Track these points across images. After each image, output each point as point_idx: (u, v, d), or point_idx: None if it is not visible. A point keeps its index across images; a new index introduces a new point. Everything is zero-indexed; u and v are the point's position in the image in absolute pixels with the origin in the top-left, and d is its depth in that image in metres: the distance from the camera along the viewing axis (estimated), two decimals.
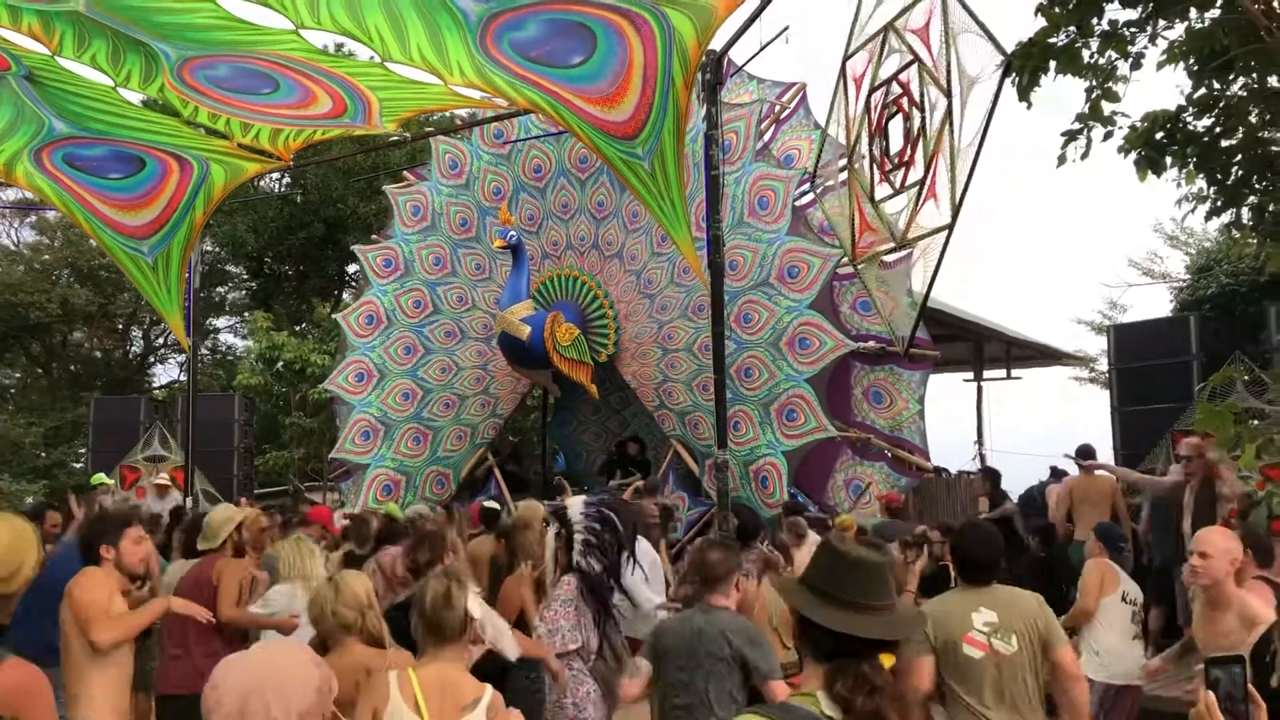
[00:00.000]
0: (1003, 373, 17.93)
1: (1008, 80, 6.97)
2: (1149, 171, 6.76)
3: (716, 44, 9.15)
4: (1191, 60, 6.60)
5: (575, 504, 5.41)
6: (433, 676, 3.11)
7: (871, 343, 11.03)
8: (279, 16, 4.24)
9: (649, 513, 8.61)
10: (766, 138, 11.97)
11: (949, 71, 6.60)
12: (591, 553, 5.21)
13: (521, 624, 5.50)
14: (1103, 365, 19.93)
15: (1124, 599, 6.09)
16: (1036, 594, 4.22)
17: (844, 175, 9.09)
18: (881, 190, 7.73)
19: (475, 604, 3.25)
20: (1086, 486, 9.49)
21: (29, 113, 5.40)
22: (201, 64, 4.69)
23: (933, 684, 4.03)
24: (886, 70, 7.47)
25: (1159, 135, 6.77)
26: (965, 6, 6.42)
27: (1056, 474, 11.11)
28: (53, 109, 5.33)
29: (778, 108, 12.42)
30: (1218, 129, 6.85)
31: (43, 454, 24.72)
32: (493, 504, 9.66)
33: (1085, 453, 9.77)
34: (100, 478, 14.17)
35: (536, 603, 5.61)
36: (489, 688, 3.19)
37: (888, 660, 2.21)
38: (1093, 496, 9.38)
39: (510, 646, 3.52)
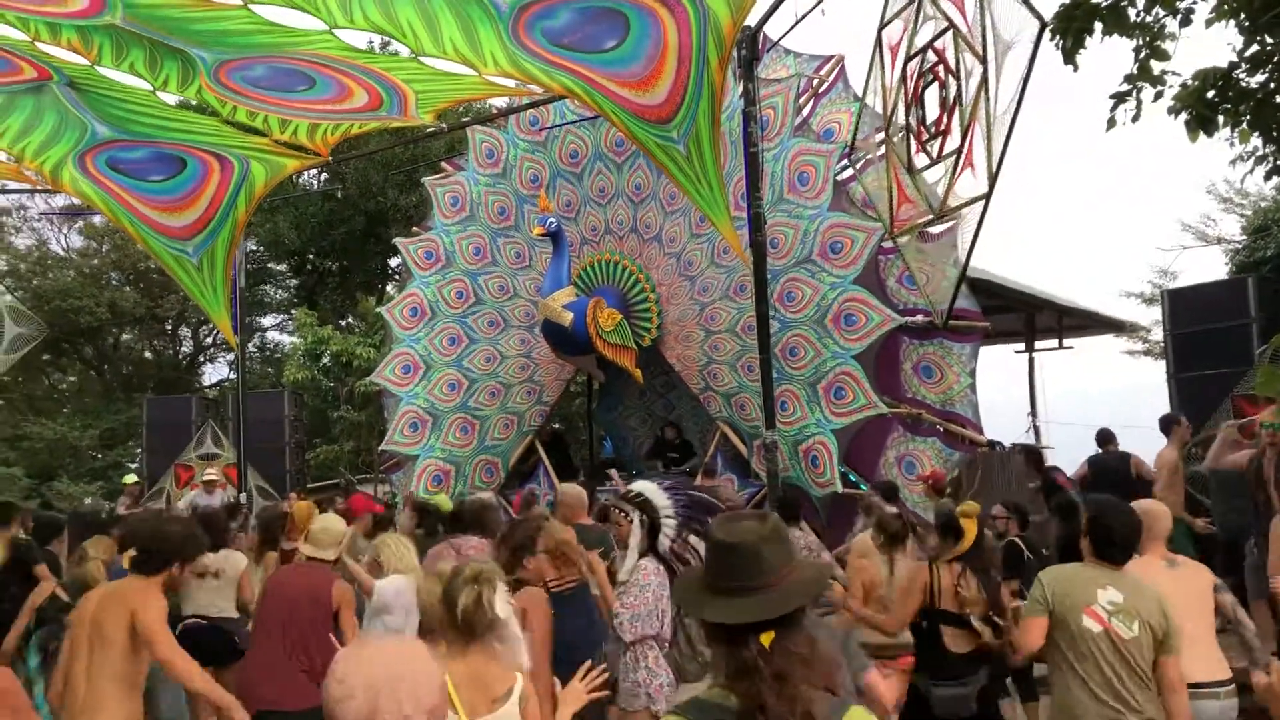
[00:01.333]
0: (1054, 343, 17.64)
1: (1052, 44, 6.81)
2: (1200, 132, 6.56)
3: (751, 19, 9.05)
4: (1243, 15, 6.38)
5: (654, 490, 5.32)
6: (463, 670, 3.11)
7: (920, 316, 10.85)
8: (312, 18, 4.24)
9: (735, 502, 8.48)
10: (805, 112, 11.82)
11: (984, 37, 6.46)
12: (687, 536, 5.20)
13: None
14: (1156, 335, 19.54)
15: None
16: (1159, 593, 4.11)
17: (882, 147, 8.95)
18: (919, 160, 7.59)
19: (503, 606, 3.23)
20: (1160, 459, 9.25)
21: (72, 119, 5.46)
22: (237, 66, 4.71)
23: (1041, 644, 4.04)
24: (922, 38, 7.33)
25: (1210, 94, 6.56)
26: None
27: (1103, 439, 10.84)
28: (95, 113, 5.37)
29: (816, 81, 12.26)
30: (1272, 85, 6.63)
31: (99, 456, 25.19)
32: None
33: (1167, 422, 9.51)
34: (131, 477, 14.34)
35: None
36: (519, 676, 3.18)
37: (766, 638, 2.17)
38: (1161, 472, 9.16)
39: (521, 658, 3.48)
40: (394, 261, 25.89)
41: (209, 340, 30.84)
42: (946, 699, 5.14)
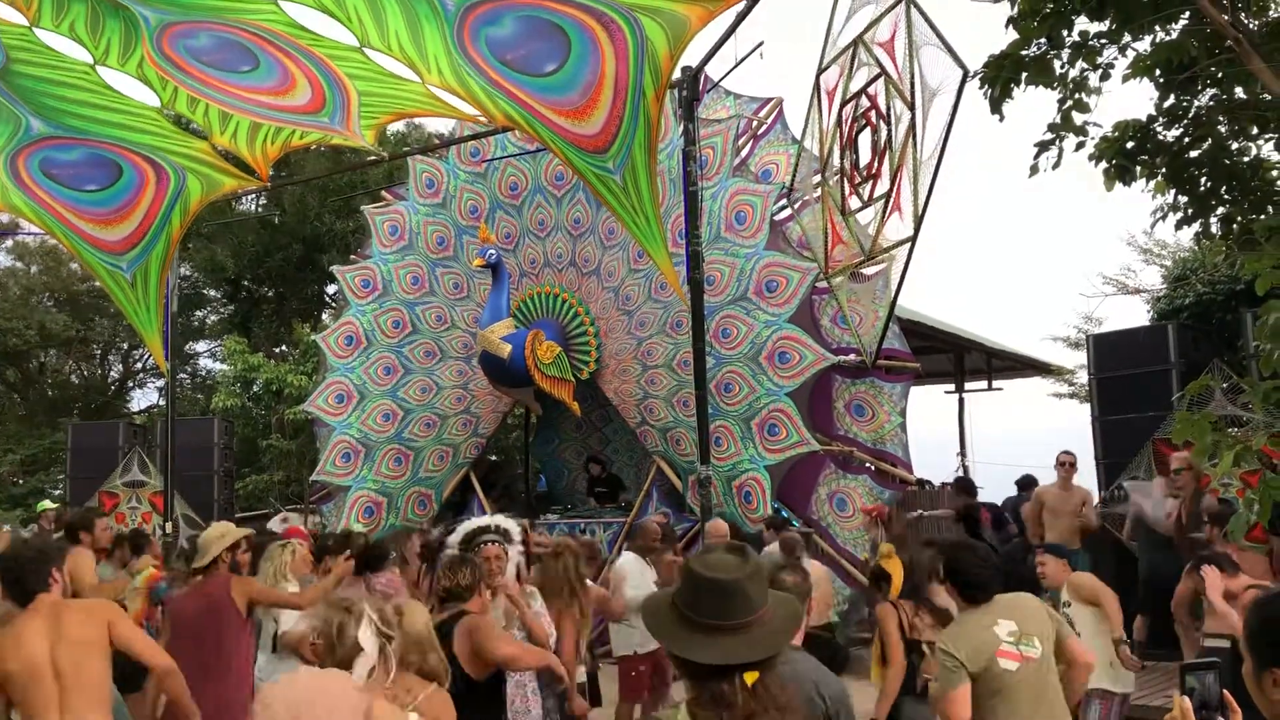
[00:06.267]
0: (984, 384, 18.01)
1: (980, 93, 7.04)
2: (1117, 181, 6.83)
3: (692, 60, 9.22)
4: (1158, 72, 6.67)
5: (508, 521, 5.46)
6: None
7: (852, 356, 11.04)
8: None
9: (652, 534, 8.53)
10: (744, 153, 12.02)
11: (913, 84, 6.65)
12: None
13: None
14: (1081, 379, 20.04)
15: None
16: (1029, 593, 4.29)
17: (819, 189, 9.14)
18: (852, 203, 7.78)
19: (368, 637, 3.14)
20: (1058, 498, 9.62)
21: (5, 112, 5.30)
22: (181, 31, 4.60)
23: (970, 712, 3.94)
24: (856, 84, 7.53)
25: (1129, 145, 6.84)
26: (926, 19, 6.48)
27: (1024, 484, 11.14)
28: (29, 106, 5.24)
29: (755, 123, 12.48)
30: (1186, 139, 6.92)
31: (19, 481, 24.51)
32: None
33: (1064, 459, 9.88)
34: (45, 504, 13.88)
35: None
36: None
37: (750, 677, 2.20)
38: (1063, 507, 9.53)
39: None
40: (331, 289, 25.71)
41: (138, 365, 30.26)
42: (919, 712, 5.31)
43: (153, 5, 4.43)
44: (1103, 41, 6.82)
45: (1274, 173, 7.08)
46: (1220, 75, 6.73)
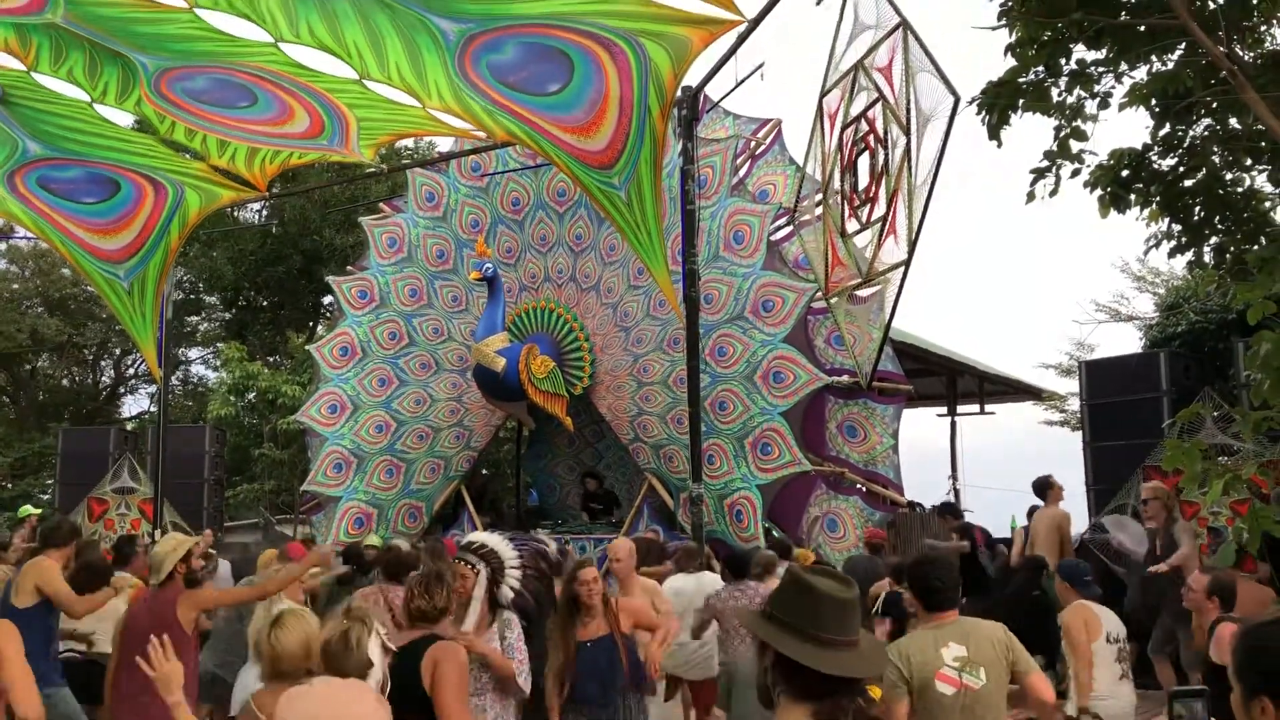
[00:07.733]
0: (976, 407, 18.05)
1: (978, 119, 7.10)
2: (1111, 208, 6.88)
3: (693, 80, 9.28)
4: (1154, 102, 6.73)
5: (498, 541, 5.04)
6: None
7: (845, 377, 11.07)
8: (258, 29, 4.23)
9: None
10: (742, 173, 12.08)
11: (908, 109, 6.71)
12: (524, 594, 5.10)
13: None
14: (1073, 405, 20.11)
15: (1108, 639, 5.96)
16: (999, 623, 4.23)
17: (820, 210, 9.20)
18: (850, 225, 7.84)
19: (377, 651, 3.10)
20: (1038, 519, 9.74)
21: (2, 134, 5.35)
22: (179, 75, 4.64)
23: None
24: (856, 107, 7.59)
25: (1125, 173, 6.90)
26: (921, 45, 6.53)
27: (1040, 487, 11.19)
28: (26, 130, 5.27)
29: (753, 143, 12.55)
30: (1181, 169, 6.98)
31: (8, 485, 24.39)
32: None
33: (1042, 486, 9.98)
34: (28, 509, 13.76)
35: None
36: None
37: (875, 692, 2.23)
38: (1042, 529, 9.60)
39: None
40: (327, 300, 25.67)
41: (130, 371, 30.18)
42: None
43: (151, 53, 4.46)
44: (1100, 70, 6.89)
45: (1267, 204, 7.15)
46: (1215, 106, 6.79)
